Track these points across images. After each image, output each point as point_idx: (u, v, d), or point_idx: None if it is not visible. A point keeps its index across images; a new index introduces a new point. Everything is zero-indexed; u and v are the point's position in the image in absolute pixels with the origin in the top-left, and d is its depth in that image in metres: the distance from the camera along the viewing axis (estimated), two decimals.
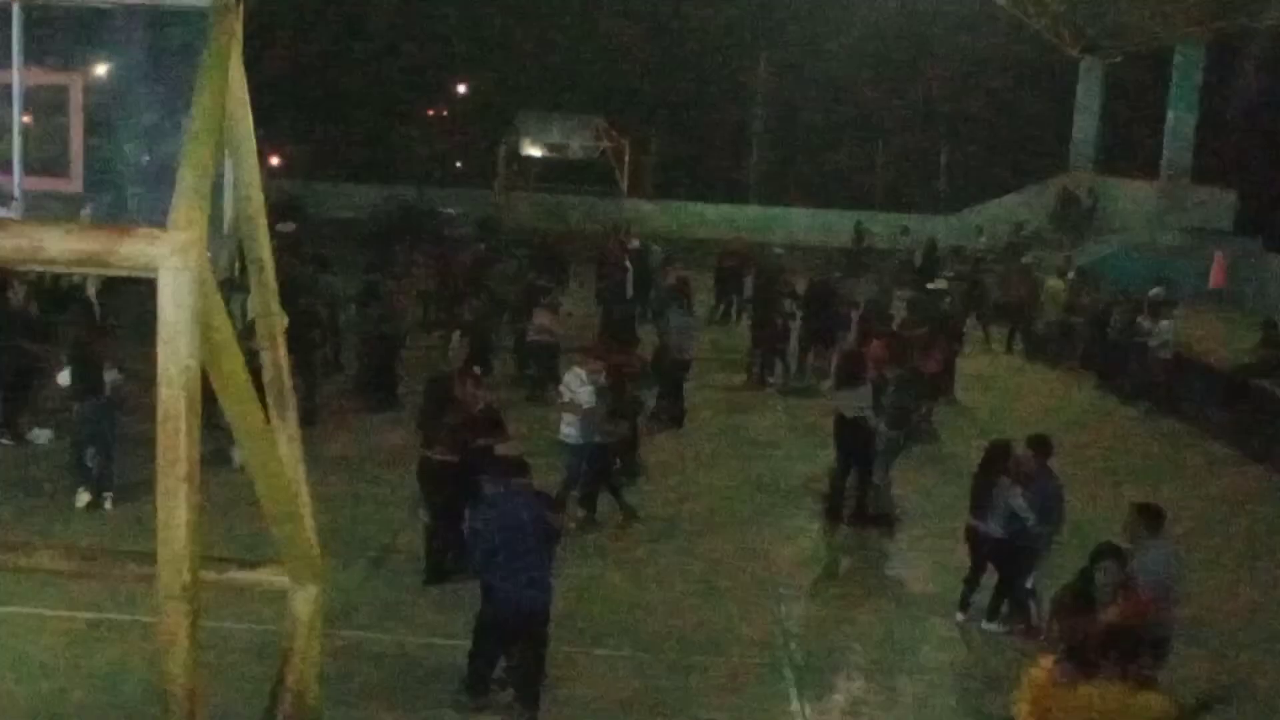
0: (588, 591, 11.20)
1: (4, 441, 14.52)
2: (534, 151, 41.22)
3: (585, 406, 12.87)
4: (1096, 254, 30.57)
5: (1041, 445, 11.07)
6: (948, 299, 23.02)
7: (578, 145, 40.93)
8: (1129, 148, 37.41)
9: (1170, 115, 33.05)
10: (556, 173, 42.15)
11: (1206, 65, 32.73)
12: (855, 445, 13.61)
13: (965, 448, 15.48)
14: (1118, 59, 37.42)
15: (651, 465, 15.22)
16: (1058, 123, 40.36)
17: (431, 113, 45.98)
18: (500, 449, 10.85)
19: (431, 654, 9.83)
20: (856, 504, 13.63)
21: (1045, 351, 23.75)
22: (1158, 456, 17.50)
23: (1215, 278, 27.06)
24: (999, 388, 21.14)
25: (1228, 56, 33.27)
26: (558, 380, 17.49)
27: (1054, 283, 24.40)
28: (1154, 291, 21.82)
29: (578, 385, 13.01)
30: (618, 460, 13.84)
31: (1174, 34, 32.47)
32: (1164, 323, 20.00)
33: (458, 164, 48.25)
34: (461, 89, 50.15)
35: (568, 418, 13.03)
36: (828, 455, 14.42)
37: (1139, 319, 20.43)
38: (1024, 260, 28.80)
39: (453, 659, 9.28)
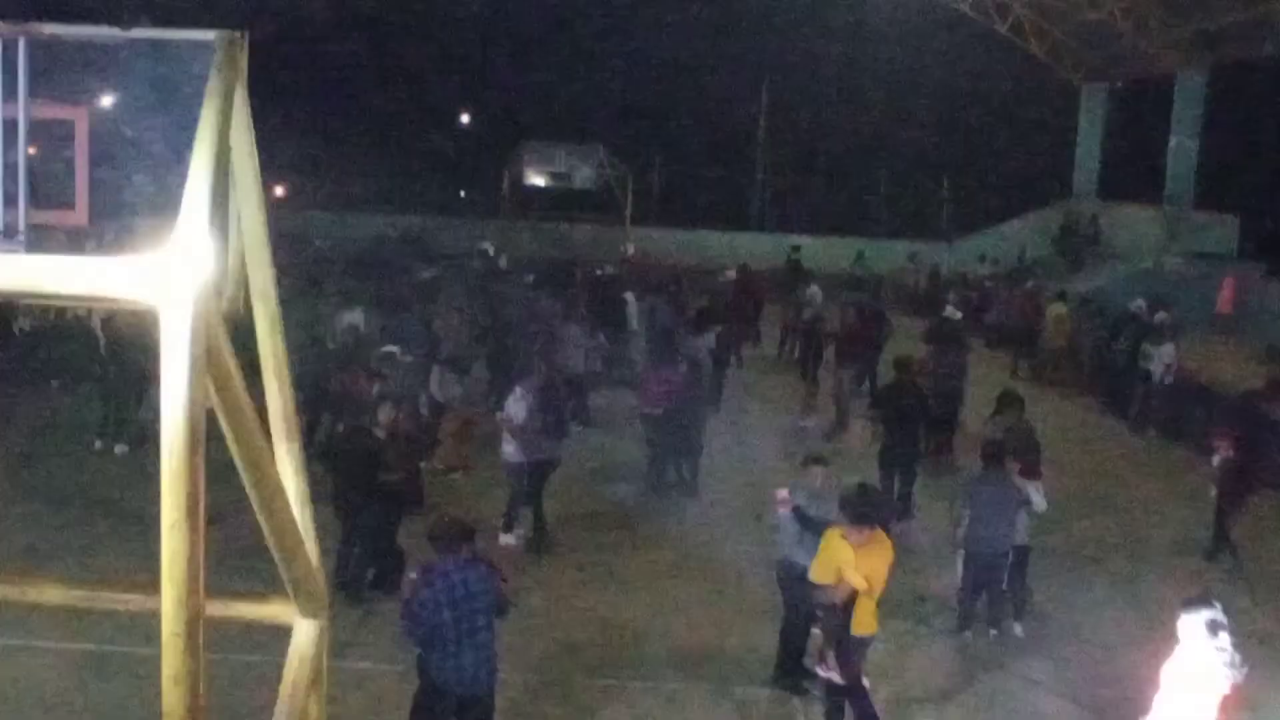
0: (587, 619, 11.22)
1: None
2: (538, 181, 41.28)
3: (520, 424, 12.94)
4: (1099, 280, 30.54)
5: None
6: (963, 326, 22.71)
7: (581, 174, 40.99)
8: (1131, 174, 37.46)
9: (1172, 141, 33.15)
10: (560, 202, 42.19)
11: (1208, 92, 32.84)
12: None
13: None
14: (1119, 85, 37.54)
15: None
16: (1060, 149, 40.46)
17: (436, 143, 46.18)
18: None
19: None
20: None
21: (1049, 376, 23.69)
22: (1157, 480, 17.43)
23: (1224, 302, 26.82)
24: None
25: (1229, 83, 33.40)
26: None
27: (1057, 307, 24.36)
28: (1158, 316, 21.72)
29: (514, 403, 13.09)
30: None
31: (1176, 61, 32.58)
32: (1166, 347, 19.92)
33: (461, 193, 48.36)
34: (465, 119, 50.34)
35: (506, 437, 13.15)
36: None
37: (1143, 344, 20.34)
38: (1028, 285, 28.69)
39: None
